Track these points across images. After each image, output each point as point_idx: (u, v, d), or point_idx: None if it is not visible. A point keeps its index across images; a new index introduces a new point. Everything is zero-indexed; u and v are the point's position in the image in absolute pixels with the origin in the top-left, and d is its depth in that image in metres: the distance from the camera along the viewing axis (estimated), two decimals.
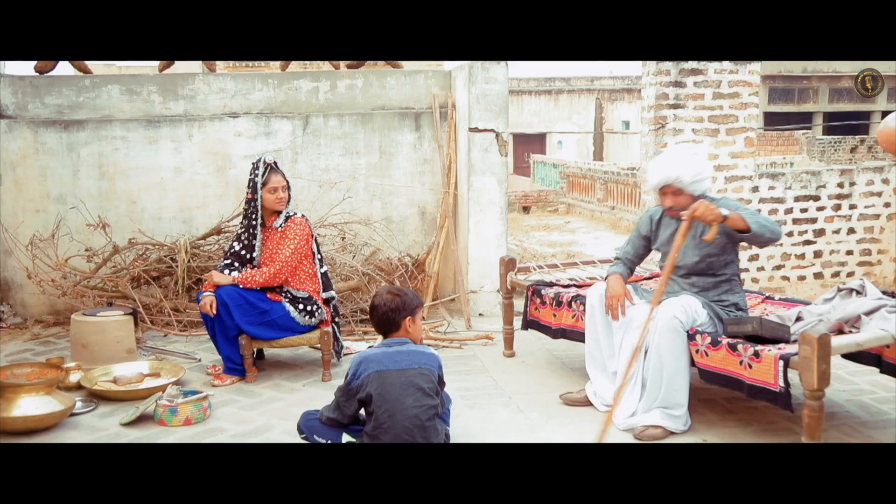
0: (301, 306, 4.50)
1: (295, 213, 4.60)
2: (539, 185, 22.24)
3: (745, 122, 6.22)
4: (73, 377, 4.36)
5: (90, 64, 6.43)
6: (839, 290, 3.93)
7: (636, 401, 3.74)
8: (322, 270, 4.67)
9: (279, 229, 4.54)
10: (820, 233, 6.50)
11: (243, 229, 4.62)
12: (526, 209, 18.76)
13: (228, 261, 4.59)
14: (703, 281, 3.82)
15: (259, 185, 4.49)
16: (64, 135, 6.02)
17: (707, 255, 3.77)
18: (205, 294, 4.44)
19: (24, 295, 6.05)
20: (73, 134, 6.02)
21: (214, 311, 4.37)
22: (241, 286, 4.42)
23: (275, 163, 4.57)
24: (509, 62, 6.01)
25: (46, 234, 5.81)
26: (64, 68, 6.39)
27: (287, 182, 4.58)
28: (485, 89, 5.92)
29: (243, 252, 4.59)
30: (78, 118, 6.07)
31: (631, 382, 3.72)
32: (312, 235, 4.63)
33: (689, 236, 3.72)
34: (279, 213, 4.56)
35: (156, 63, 6.64)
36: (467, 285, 6.00)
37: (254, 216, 4.55)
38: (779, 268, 6.45)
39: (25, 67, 6.21)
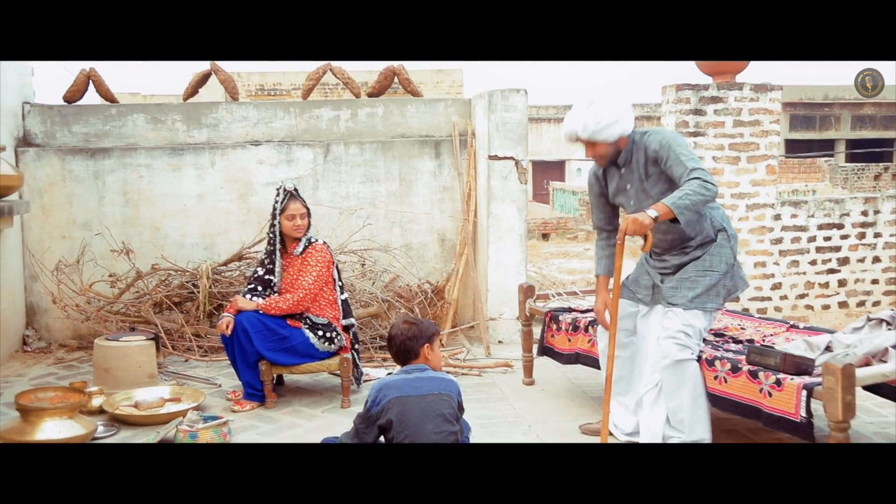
0: (321, 333, 4.52)
1: (316, 240, 4.64)
2: (558, 213, 22.22)
3: (766, 149, 6.20)
4: (96, 401, 4.39)
5: (116, 93, 6.55)
6: (868, 319, 3.87)
7: (632, 418, 3.76)
8: (342, 297, 4.69)
9: (300, 256, 4.58)
10: (844, 261, 6.44)
11: (266, 255, 4.68)
12: (545, 236, 18.73)
13: (252, 285, 4.65)
14: (679, 257, 3.70)
15: (278, 212, 4.55)
16: (90, 162, 6.12)
17: (666, 230, 3.62)
18: (224, 315, 4.49)
19: (48, 319, 6.12)
20: (99, 161, 6.13)
21: (230, 332, 4.42)
22: (263, 312, 4.45)
23: (295, 189, 4.62)
24: (527, 89, 6.05)
25: (72, 259, 5.90)
26: (91, 97, 6.52)
27: (307, 209, 4.62)
28: (504, 117, 5.96)
29: (266, 277, 4.64)
30: (104, 146, 6.18)
31: (630, 401, 3.73)
32: (333, 262, 4.66)
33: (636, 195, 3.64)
34: (299, 239, 4.60)
35: (180, 91, 6.75)
36: (486, 312, 5.99)
37: (274, 242, 4.61)
38: (802, 296, 6.39)
39: (54, 97, 6.34)
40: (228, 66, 6.27)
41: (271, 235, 4.64)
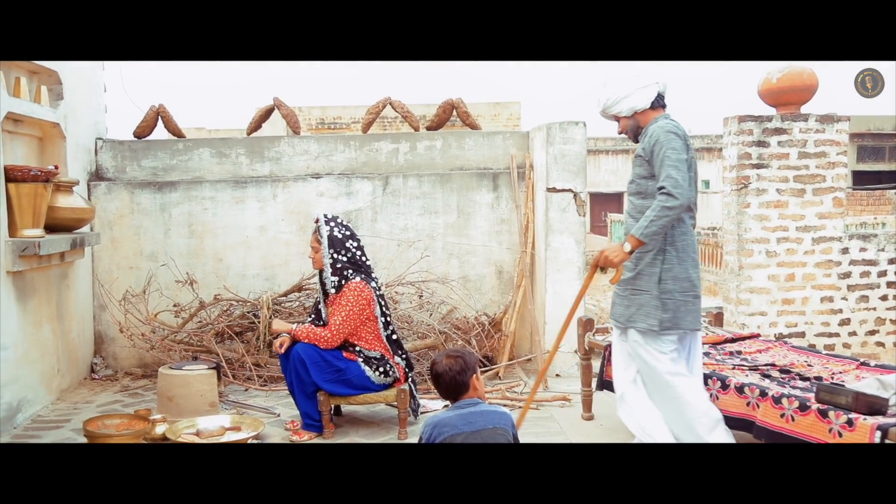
0: (375, 366, 4.53)
1: (353, 278, 4.58)
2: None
3: (832, 181, 6.05)
4: (159, 429, 4.47)
5: (183, 127, 6.76)
6: None
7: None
8: (386, 334, 4.64)
9: (336, 293, 4.58)
10: None
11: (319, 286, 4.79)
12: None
13: (312, 316, 4.77)
14: (634, 208, 3.76)
15: None
16: (157, 195, 6.31)
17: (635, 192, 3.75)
18: (280, 335, 4.60)
19: (115, 348, 6.29)
20: (165, 195, 6.31)
21: (283, 350, 4.52)
22: (303, 340, 4.51)
23: (319, 220, 4.62)
24: (586, 122, 6.04)
25: (139, 289, 6.07)
26: (159, 132, 6.75)
27: (320, 243, 4.57)
28: (563, 150, 5.95)
29: (320, 306, 4.74)
30: (171, 179, 6.37)
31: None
32: (374, 300, 4.59)
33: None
34: (323, 272, 4.62)
35: (244, 125, 6.94)
36: (544, 345, 5.94)
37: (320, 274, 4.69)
38: (872, 333, 6.17)
39: (125, 132, 6.57)
40: (289, 101, 6.40)
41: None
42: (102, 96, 6.64)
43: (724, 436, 3.63)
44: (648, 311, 3.64)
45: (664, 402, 3.70)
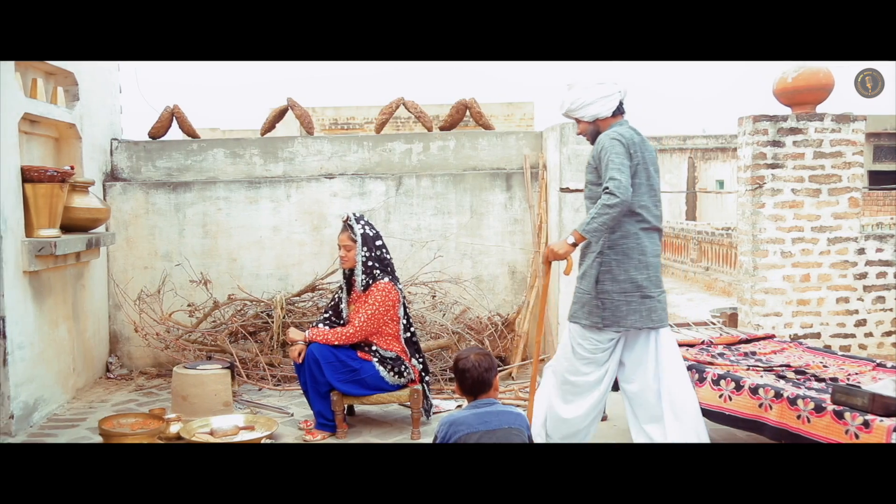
0: (389, 366, 4.54)
1: (382, 278, 4.60)
2: None
3: (848, 181, 6.01)
4: (174, 428, 4.49)
5: (197, 128, 6.80)
6: None
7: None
8: (406, 336, 4.66)
9: (362, 291, 4.59)
10: None
11: (340, 285, 4.78)
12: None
13: (328, 314, 4.74)
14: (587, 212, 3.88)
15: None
16: (172, 196, 6.35)
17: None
18: (297, 343, 4.58)
19: (130, 347, 6.33)
20: (180, 195, 6.35)
21: (301, 360, 4.50)
22: (319, 342, 4.50)
23: (350, 218, 4.64)
24: None
25: (153, 289, 6.10)
26: (174, 132, 6.79)
27: (353, 241, 4.57)
28: (576, 150, 5.94)
29: (341, 305, 4.73)
30: (185, 180, 6.41)
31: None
32: (399, 301, 4.61)
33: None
34: (353, 271, 4.62)
35: (258, 125, 6.97)
36: (557, 345, 5.92)
37: (343, 272, 4.69)
38: (889, 334, 6.12)
39: (140, 133, 6.63)
40: (303, 101, 6.46)
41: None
42: (118, 97, 6.69)
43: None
44: (590, 308, 3.80)
45: (554, 392, 3.93)
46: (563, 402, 3.91)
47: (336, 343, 4.50)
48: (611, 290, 3.74)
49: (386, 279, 4.59)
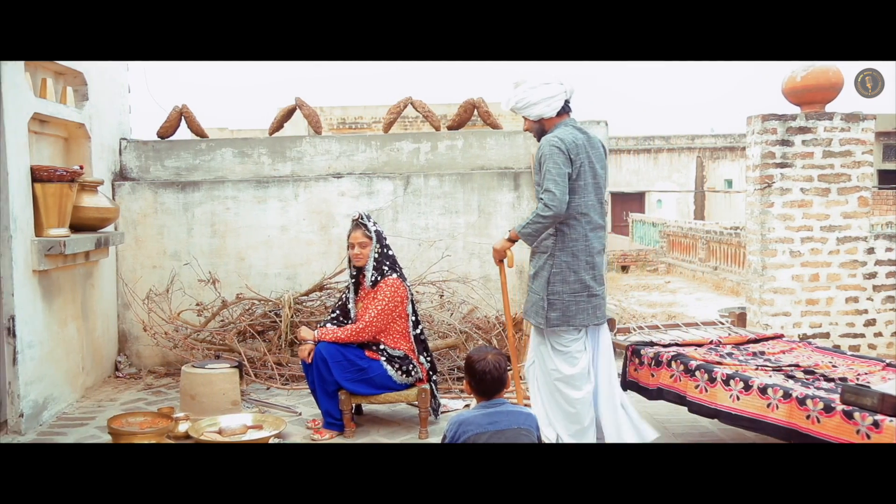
0: (397, 365, 4.54)
1: (391, 275, 4.63)
2: (638, 244, 21.87)
3: (858, 181, 5.98)
4: (182, 427, 4.51)
5: (206, 128, 6.82)
6: None
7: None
8: (415, 333, 4.67)
9: (371, 288, 4.61)
10: None
11: (348, 284, 4.78)
12: (624, 268, 18.45)
13: (336, 313, 4.74)
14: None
15: (347, 241, 4.65)
16: (181, 195, 6.36)
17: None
18: (306, 343, 4.58)
19: (139, 346, 6.35)
20: (188, 194, 6.37)
21: (310, 359, 4.50)
22: (329, 341, 4.50)
23: (361, 217, 4.66)
24: (608, 121, 6.01)
25: (162, 288, 6.12)
26: (182, 132, 6.81)
27: (369, 238, 4.60)
28: None
29: (348, 304, 4.74)
30: (194, 179, 6.42)
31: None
32: (408, 297, 4.63)
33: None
34: (364, 269, 4.64)
35: (266, 125, 6.98)
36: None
37: (350, 271, 4.70)
38: None
39: (148, 133, 6.66)
40: (311, 101, 6.48)
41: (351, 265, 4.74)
42: (127, 97, 6.71)
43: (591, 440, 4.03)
44: (537, 309, 3.99)
45: (546, 392, 4.08)
46: (562, 397, 4.03)
47: (347, 340, 4.50)
48: (562, 291, 3.94)
49: (394, 275, 4.62)
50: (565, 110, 4.00)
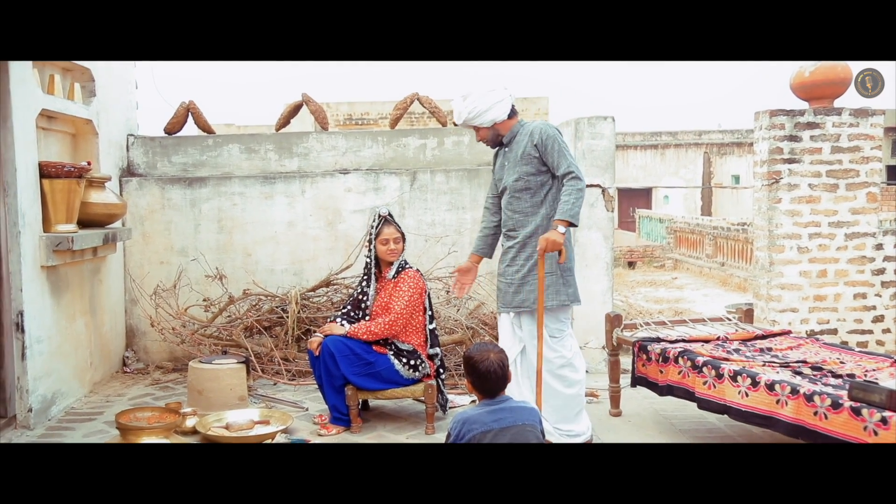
0: (405, 359, 4.55)
1: (409, 267, 4.69)
2: (645, 241, 21.84)
3: (866, 176, 5.96)
4: (189, 422, 4.53)
5: (213, 124, 6.83)
6: None
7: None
8: (431, 327, 4.71)
9: (392, 280, 4.64)
10: None
11: (362, 278, 4.79)
12: (631, 264, 18.42)
13: (346, 308, 4.75)
14: (521, 203, 4.11)
15: (373, 237, 4.64)
16: (188, 191, 6.38)
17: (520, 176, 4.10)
18: (315, 335, 4.60)
19: (147, 342, 6.38)
20: (195, 190, 6.38)
21: (318, 352, 4.51)
22: (363, 338, 4.52)
23: (389, 214, 4.70)
24: (615, 117, 5.99)
25: (169, 284, 6.14)
26: (189, 128, 6.83)
27: (401, 234, 4.69)
28: (591, 145, 5.91)
29: (360, 297, 4.76)
30: (201, 175, 6.44)
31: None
32: (426, 290, 4.70)
33: (510, 161, 4.16)
34: (392, 263, 4.67)
35: (272, 121, 6.98)
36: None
37: (370, 266, 4.71)
38: None
39: (155, 129, 6.66)
40: (317, 97, 6.49)
41: (368, 259, 4.73)
42: (134, 93, 6.73)
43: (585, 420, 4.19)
44: (557, 288, 4.06)
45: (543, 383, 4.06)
46: (562, 382, 4.12)
47: (382, 335, 4.54)
48: (571, 268, 4.13)
49: (413, 268, 4.70)
50: (514, 113, 4.17)
